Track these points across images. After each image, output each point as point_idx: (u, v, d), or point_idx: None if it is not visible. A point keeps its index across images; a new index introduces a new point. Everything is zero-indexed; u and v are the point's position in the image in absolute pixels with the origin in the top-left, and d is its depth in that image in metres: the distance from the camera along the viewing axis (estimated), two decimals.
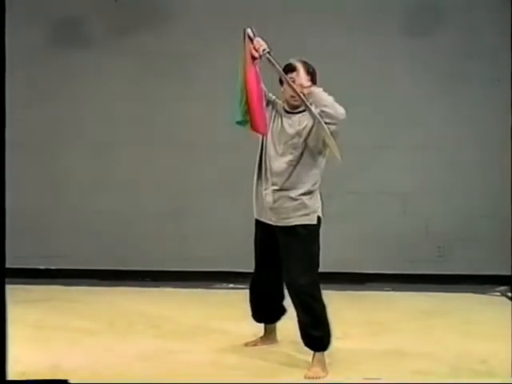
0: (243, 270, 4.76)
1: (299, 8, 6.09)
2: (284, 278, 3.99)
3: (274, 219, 3.94)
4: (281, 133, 3.93)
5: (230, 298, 5.41)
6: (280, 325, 4.34)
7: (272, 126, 3.97)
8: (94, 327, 4.71)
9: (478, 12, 6.08)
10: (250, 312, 4.29)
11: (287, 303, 4.14)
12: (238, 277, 5.81)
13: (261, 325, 4.35)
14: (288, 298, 4.03)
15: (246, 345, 4.32)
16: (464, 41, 6.11)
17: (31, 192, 6.26)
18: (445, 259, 6.19)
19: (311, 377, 3.82)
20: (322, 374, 3.84)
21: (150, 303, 5.39)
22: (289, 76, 3.88)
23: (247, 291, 4.28)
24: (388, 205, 6.21)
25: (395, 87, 6.14)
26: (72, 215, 6.28)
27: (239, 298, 4.55)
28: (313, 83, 3.88)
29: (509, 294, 5.80)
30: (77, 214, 6.26)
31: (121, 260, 6.22)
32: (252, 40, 3.89)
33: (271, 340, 4.33)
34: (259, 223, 4.07)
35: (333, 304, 3.99)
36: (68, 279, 6.00)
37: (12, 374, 2.58)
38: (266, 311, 4.30)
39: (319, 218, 3.94)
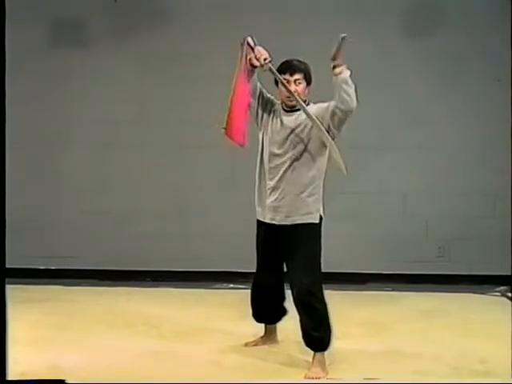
0: (243, 270, 4.77)
1: (299, 8, 6.10)
2: (287, 278, 3.98)
3: (277, 219, 3.94)
4: (281, 130, 3.93)
5: (230, 298, 5.40)
6: (280, 325, 4.34)
7: (271, 126, 3.97)
8: (94, 327, 4.71)
9: (478, 12, 6.08)
10: (251, 312, 4.29)
11: (288, 304, 4.14)
12: (238, 277, 5.83)
13: (261, 325, 4.35)
14: (289, 299, 4.03)
15: (246, 345, 4.32)
16: (464, 41, 6.11)
17: (31, 192, 6.26)
18: (445, 259, 6.20)
19: (311, 377, 3.82)
20: (322, 374, 3.85)
21: (150, 303, 5.38)
22: (283, 76, 3.88)
23: (247, 291, 4.28)
24: (388, 205, 6.22)
25: (395, 87, 6.14)
26: (72, 215, 6.29)
27: (239, 298, 4.56)
28: (307, 83, 3.90)
29: (509, 294, 5.80)
30: (77, 214, 6.27)
31: (121, 260, 6.22)
32: (253, 49, 3.87)
33: (271, 340, 4.33)
34: (262, 224, 4.06)
35: (333, 304, 3.99)
36: (68, 279, 6.01)
37: (11, 374, 2.57)
38: (268, 312, 4.30)
39: (321, 217, 3.94)
